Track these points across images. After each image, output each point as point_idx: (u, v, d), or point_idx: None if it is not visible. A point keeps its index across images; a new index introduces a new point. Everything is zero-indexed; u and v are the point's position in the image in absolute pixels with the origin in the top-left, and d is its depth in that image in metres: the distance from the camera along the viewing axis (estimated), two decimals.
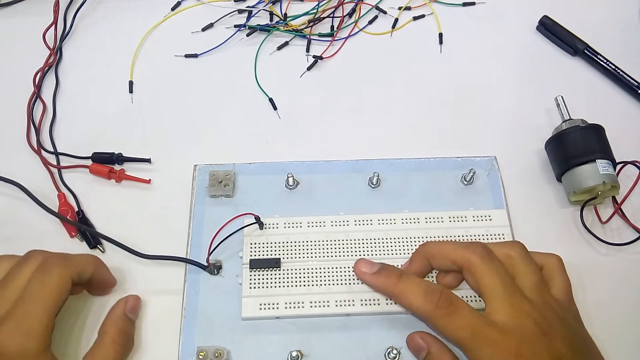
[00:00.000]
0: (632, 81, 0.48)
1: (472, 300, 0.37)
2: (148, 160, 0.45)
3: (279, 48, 0.51)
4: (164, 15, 0.54)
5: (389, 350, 0.36)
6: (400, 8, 0.54)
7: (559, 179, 0.43)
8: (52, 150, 0.45)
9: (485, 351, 0.31)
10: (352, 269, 0.38)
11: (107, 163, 0.44)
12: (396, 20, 0.53)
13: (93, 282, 0.37)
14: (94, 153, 0.45)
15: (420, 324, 0.37)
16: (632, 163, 0.41)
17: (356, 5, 0.54)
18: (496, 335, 0.31)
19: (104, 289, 0.39)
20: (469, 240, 0.40)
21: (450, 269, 0.36)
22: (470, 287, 0.36)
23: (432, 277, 0.38)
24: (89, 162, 0.44)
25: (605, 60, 0.49)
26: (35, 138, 0.46)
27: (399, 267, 0.38)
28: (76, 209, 0.43)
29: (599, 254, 0.41)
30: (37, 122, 0.47)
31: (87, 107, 0.48)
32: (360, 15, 0.54)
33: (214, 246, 0.39)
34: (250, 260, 0.39)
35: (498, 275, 0.33)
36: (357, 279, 0.38)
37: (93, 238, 0.41)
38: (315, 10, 0.53)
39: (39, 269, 0.34)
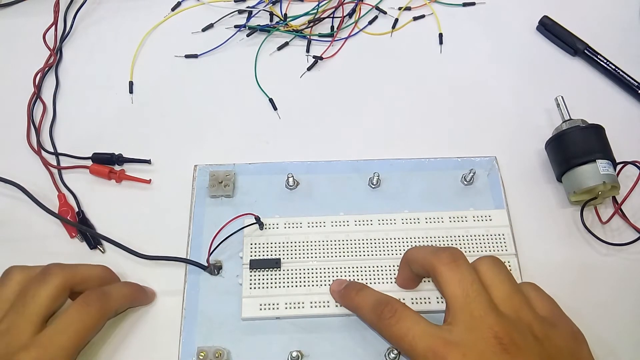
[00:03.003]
0: (632, 81, 0.48)
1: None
2: (148, 161, 0.45)
3: (279, 48, 0.51)
4: (164, 16, 0.54)
5: (389, 350, 0.36)
6: (400, 8, 0.54)
7: (559, 179, 0.43)
8: (52, 150, 0.45)
9: None
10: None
11: (107, 164, 0.44)
12: (396, 20, 0.53)
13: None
14: (94, 153, 0.45)
15: None
16: (633, 163, 0.41)
17: (356, 5, 0.54)
18: (440, 346, 0.29)
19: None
20: (446, 245, 0.39)
21: (424, 275, 0.36)
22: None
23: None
24: (89, 163, 0.44)
25: (605, 61, 0.49)
26: (35, 138, 0.46)
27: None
28: (76, 210, 0.43)
29: (599, 254, 0.41)
30: (37, 122, 0.47)
31: (87, 107, 0.48)
32: (360, 15, 0.54)
33: (214, 246, 0.39)
34: (250, 260, 0.39)
35: (460, 283, 0.31)
36: (358, 279, 0.38)
37: (93, 239, 0.41)
38: (315, 11, 0.53)
39: (80, 303, 0.34)
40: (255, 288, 0.38)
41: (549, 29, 0.52)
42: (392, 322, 0.31)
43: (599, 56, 0.49)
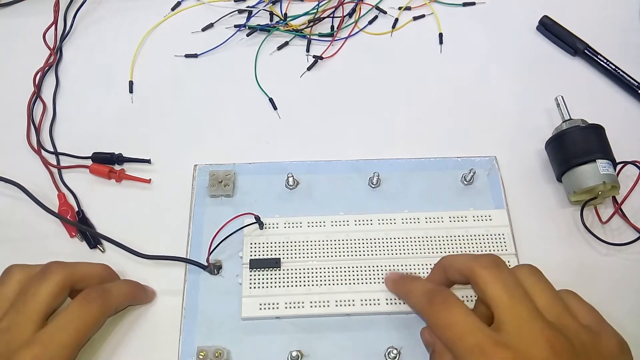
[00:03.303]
0: (632, 81, 0.48)
1: None
2: (148, 161, 0.45)
3: (279, 48, 0.51)
4: (164, 15, 0.54)
5: (389, 350, 0.36)
6: (400, 8, 0.54)
7: (559, 179, 0.43)
8: (52, 150, 0.45)
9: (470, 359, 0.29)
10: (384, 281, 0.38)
11: (107, 163, 0.44)
12: (396, 20, 0.53)
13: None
14: (94, 153, 0.45)
15: (420, 323, 0.37)
16: (632, 163, 0.41)
17: (356, 5, 0.54)
18: (490, 345, 0.28)
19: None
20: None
21: (460, 281, 0.35)
22: (481, 302, 0.33)
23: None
24: (89, 162, 0.44)
25: (605, 60, 0.49)
26: (35, 138, 0.46)
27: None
28: (76, 209, 0.43)
29: (599, 254, 0.41)
30: (37, 122, 0.47)
31: (87, 107, 0.48)
32: (360, 15, 0.54)
33: (214, 246, 0.39)
34: (250, 260, 0.39)
35: (504, 285, 0.30)
36: (358, 279, 0.38)
37: (93, 238, 0.41)
38: (315, 10, 0.53)
39: (80, 301, 0.34)
40: (255, 288, 0.38)
41: (549, 28, 0.52)
42: (443, 309, 0.31)
43: (599, 56, 0.49)
